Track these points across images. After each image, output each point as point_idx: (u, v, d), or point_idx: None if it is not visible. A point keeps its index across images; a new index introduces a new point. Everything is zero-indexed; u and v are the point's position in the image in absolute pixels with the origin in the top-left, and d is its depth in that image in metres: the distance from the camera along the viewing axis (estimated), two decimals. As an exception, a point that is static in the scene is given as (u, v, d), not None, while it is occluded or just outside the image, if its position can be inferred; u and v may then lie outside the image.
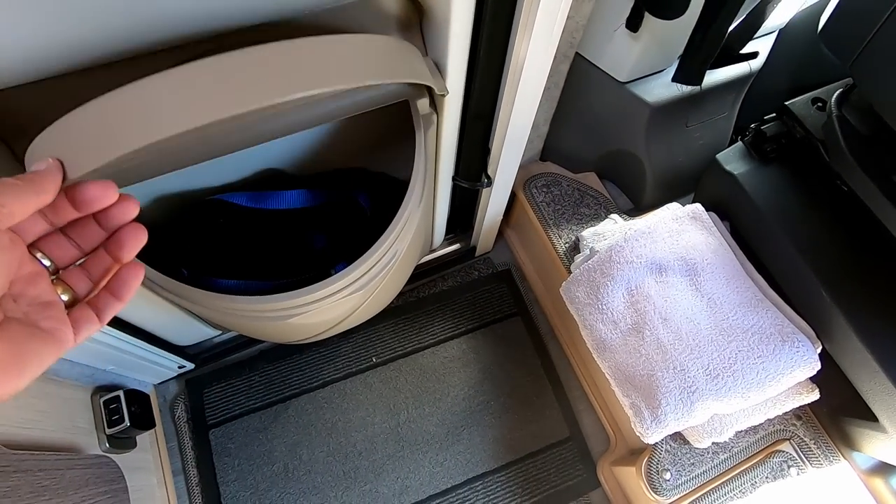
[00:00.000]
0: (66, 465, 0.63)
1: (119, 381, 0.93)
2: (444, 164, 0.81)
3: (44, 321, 0.28)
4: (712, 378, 0.73)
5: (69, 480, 0.62)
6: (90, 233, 0.31)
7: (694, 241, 0.84)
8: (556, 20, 0.57)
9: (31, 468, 0.57)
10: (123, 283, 0.32)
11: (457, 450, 1.02)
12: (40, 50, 0.38)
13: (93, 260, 0.32)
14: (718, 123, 0.95)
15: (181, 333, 0.95)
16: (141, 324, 0.83)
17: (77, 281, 0.31)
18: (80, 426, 0.79)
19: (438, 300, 1.15)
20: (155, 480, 0.95)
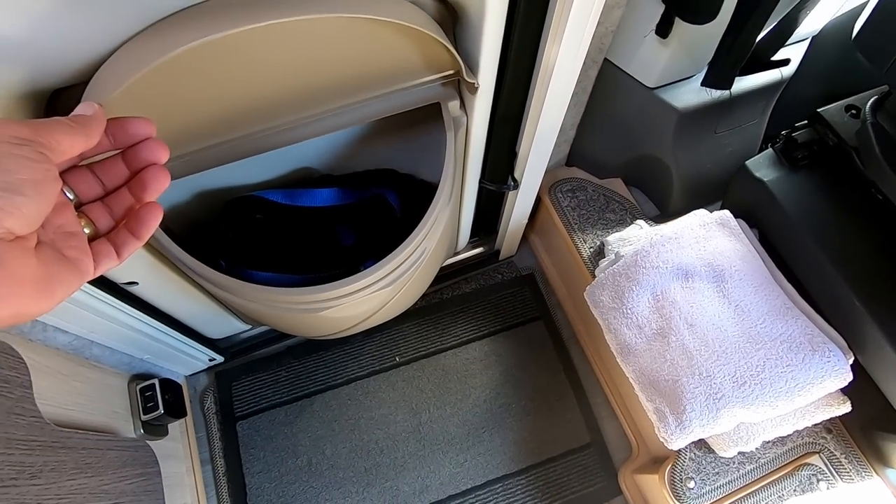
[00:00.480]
0: (107, 445, 0.66)
1: (154, 370, 0.97)
2: (472, 167, 0.82)
3: (68, 249, 0.29)
4: (739, 385, 0.73)
5: (109, 460, 0.65)
6: (116, 171, 0.33)
7: (721, 247, 0.84)
8: (586, 27, 0.58)
9: (76, 445, 0.60)
10: (142, 222, 0.32)
11: (477, 451, 1.03)
12: (95, 50, 0.42)
13: (115, 198, 0.33)
14: (748, 130, 0.95)
15: (213, 326, 0.99)
16: (177, 314, 0.87)
17: (99, 216, 0.32)
18: (117, 411, 0.82)
19: (461, 302, 1.16)
20: (184, 468, 0.98)
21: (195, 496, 0.97)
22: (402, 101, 0.63)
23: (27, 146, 0.26)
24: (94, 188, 0.32)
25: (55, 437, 0.57)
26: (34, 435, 0.54)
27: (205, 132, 0.56)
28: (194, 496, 0.96)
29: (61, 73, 0.43)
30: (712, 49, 0.77)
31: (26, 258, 0.25)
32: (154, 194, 0.33)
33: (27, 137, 0.26)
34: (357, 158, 0.83)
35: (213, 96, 0.52)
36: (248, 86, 0.53)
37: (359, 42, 0.54)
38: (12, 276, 0.24)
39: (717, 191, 1.04)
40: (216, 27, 0.39)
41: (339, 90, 0.59)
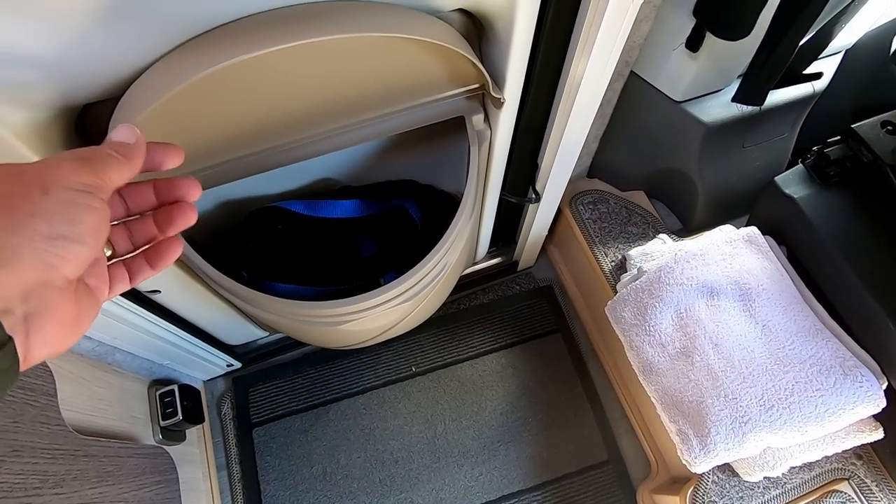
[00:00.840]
0: (127, 452, 0.67)
1: (173, 375, 0.98)
2: (494, 179, 0.82)
3: (90, 277, 0.29)
4: (766, 409, 0.71)
5: (129, 468, 0.65)
6: (144, 198, 0.33)
7: (748, 265, 0.82)
8: (615, 41, 0.58)
9: (98, 454, 0.60)
10: (162, 255, 0.33)
11: (492, 465, 1.02)
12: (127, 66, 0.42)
13: (138, 225, 0.33)
14: (776, 145, 0.92)
15: (232, 332, 0.99)
16: (197, 321, 0.87)
17: (119, 239, 0.32)
18: (137, 416, 0.83)
19: (479, 313, 1.15)
20: (200, 474, 0.98)
21: (211, 502, 0.97)
22: (426, 114, 0.63)
23: (91, 194, 0.26)
24: (118, 211, 0.32)
25: (78, 446, 0.57)
26: (58, 443, 0.54)
27: (230, 145, 0.56)
28: (210, 502, 0.97)
29: (93, 89, 0.43)
30: (743, 63, 0.76)
31: (69, 301, 0.26)
32: (178, 229, 0.33)
33: (91, 184, 0.26)
34: (378, 169, 0.83)
35: (239, 110, 0.52)
36: (274, 100, 0.53)
37: (384, 57, 0.53)
38: (58, 322, 0.25)
39: (743, 205, 1.02)
40: (249, 47, 0.39)
41: (364, 104, 0.59)
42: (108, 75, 0.42)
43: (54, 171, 0.25)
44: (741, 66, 0.78)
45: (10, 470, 0.47)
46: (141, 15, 0.38)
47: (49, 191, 0.25)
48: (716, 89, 0.82)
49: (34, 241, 0.24)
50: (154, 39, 0.41)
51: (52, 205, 0.24)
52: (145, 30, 0.39)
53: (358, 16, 0.44)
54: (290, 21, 0.41)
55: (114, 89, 0.44)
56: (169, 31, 0.41)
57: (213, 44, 0.41)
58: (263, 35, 0.40)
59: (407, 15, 0.47)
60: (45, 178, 0.25)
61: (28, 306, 0.24)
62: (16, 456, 0.48)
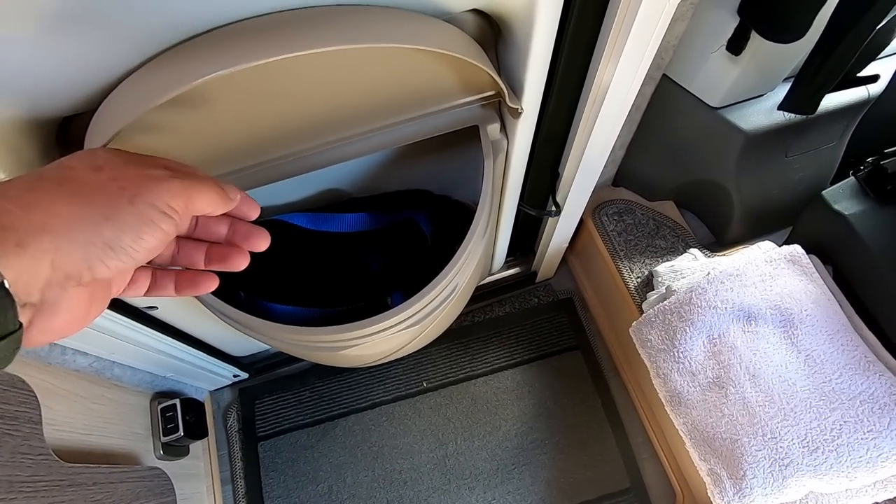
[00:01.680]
0: (119, 477, 0.64)
1: (177, 387, 0.95)
2: (511, 190, 0.76)
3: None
4: (810, 451, 0.64)
5: (121, 495, 0.62)
6: (214, 230, 0.32)
7: (790, 287, 0.74)
8: (648, 43, 0.51)
9: (86, 482, 0.57)
10: (194, 284, 0.32)
11: (506, 489, 0.96)
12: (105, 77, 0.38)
13: (188, 248, 0.32)
14: (823, 154, 0.84)
15: (237, 346, 0.96)
16: (199, 335, 0.84)
17: (164, 250, 0.31)
18: (137, 432, 0.81)
19: (494, 326, 1.10)
20: (204, 488, 0.96)
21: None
22: (438, 123, 0.58)
23: (171, 219, 0.26)
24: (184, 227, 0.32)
25: (63, 475, 0.54)
26: (41, 474, 0.51)
27: (232, 156, 0.52)
28: (213, 518, 0.94)
29: (67, 102, 0.39)
30: (790, 66, 0.69)
31: (83, 297, 0.25)
32: (225, 269, 0.33)
33: (178, 209, 0.26)
34: (388, 178, 0.78)
35: (242, 120, 0.48)
36: (277, 109, 0.49)
37: (393, 64, 0.49)
38: (67, 314, 0.24)
39: (782, 219, 0.94)
40: (246, 56, 0.35)
41: (373, 112, 0.54)
42: (82, 87, 0.38)
43: (153, 187, 0.25)
44: (787, 69, 0.71)
45: (-18, 510, 0.44)
46: (118, 21, 0.34)
47: (135, 202, 0.25)
48: (757, 94, 0.75)
49: (93, 242, 0.23)
50: (130, 49, 0.37)
51: (129, 216, 0.24)
52: (117, 38, 0.35)
53: (365, 23, 0.39)
54: (293, 29, 0.37)
55: (92, 102, 0.40)
56: (151, 38, 0.36)
57: (205, 51, 0.37)
58: (262, 44, 0.36)
59: (417, 22, 0.42)
60: (141, 188, 0.25)
61: (45, 295, 0.23)
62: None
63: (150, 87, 0.37)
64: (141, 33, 0.35)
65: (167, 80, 0.36)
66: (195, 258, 0.32)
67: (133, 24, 0.34)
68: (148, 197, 0.25)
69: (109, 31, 0.34)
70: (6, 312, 0.20)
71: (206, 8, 0.36)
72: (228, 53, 0.36)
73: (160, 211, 0.25)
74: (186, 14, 0.35)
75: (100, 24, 0.33)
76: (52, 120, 0.42)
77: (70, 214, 0.23)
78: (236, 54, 0.35)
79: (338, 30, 0.37)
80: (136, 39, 0.36)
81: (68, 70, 0.36)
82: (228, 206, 0.30)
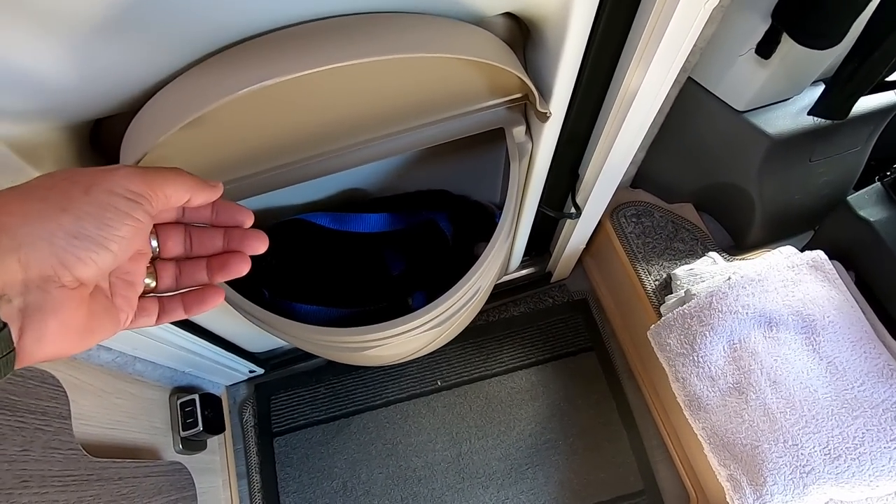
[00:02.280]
0: (144, 472, 0.65)
1: (195, 382, 0.96)
2: (532, 192, 0.76)
3: (119, 297, 0.28)
4: (832, 459, 0.63)
5: (144, 489, 0.63)
6: (210, 243, 0.32)
7: (813, 293, 0.74)
8: (680, 48, 0.51)
9: (112, 476, 0.58)
10: (203, 301, 0.32)
11: (519, 489, 0.97)
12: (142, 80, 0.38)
13: (189, 267, 0.32)
14: (848, 159, 0.83)
15: (254, 342, 0.97)
16: (218, 331, 0.85)
17: (166, 275, 0.31)
18: (158, 426, 0.81)
19: (508, 326, 1.10)
20: (220, 482, 0.97)
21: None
22: (463, 125, 0.58)
23: (136, 204, 0.25)
24: (178, 248, 0.32)
25: (91, 470, 0.55)
26: (70, 469, 0.52)
27: (257, 157, 0.52)
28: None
29: (104, 104, 0.40)
30: (819, 70, 0.68)
31: (79, 308, 0.25)
32: (228, 277, 0.32)
33: (140, 193, 0.26)
34: (409, 179, 0.78)
35: (267, 123, 0.49)
36: (303, 113, 0.49)
37: (424, 70, 0.49)
38: (62, 323, 0.24)
39: (804, 223, 0.93)
40: (284, 69, 0.35)
41: (399, 115, 0.54)
42: (118, 92, 0.38)
43: (107, 175, 0.25)
44: (816, 73, 0.70)
45: (17, 503, 0.44)
46: (157, 28, 0.34)
47: (91, 192, 0.24)
48: (784, 98, 0.74)
49: (55, 235, 0.23)
50: (172, 54, 0.37)
51: (87, 205, 0.24)
52: (162, 44, 0.35)
53: (403, 33, 0.39)
54: (331, 39, 0.37)
55: (127, 104, 0.40)
56: (189, 46, 0.36)
57: (244, 61, 0.37)
58: (297, 56, 0.36)
59: (452, 29, 0.41)
60: (95, 178, 0.25)
61: (27, 298, 0.22)
62: (24, 487, 0.46)
63: (189, 99, 0.37)
64: (179, 41, 0.35)
65: (209, 92, 0.36)
66: (198, 275, 0.32)
67: (172, 33, 0.34)
68: (102, 184, 0.25)
69: (149, 40, 0.34)
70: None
71: (243, 18, 0.36)
72: (268, 64, 0.36)
73: (121, 196, 0.25)
74: (224, 23, 0.35)
75: (139, 32, 0.33)
76: (86, 121, 0.42)
77: (24, 211, 0.23)
78: (276, 66, 0.35)
79: (377, 40, 0.37)
80: (175, 47, 0.36)
81: (104, 76, 0.36)
82: (210, 193, 0.29)
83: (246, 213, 0.32)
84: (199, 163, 0.49)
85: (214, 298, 0.32)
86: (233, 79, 0.35)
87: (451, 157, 0.76)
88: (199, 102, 0.35)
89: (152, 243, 0.30)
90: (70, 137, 0.42)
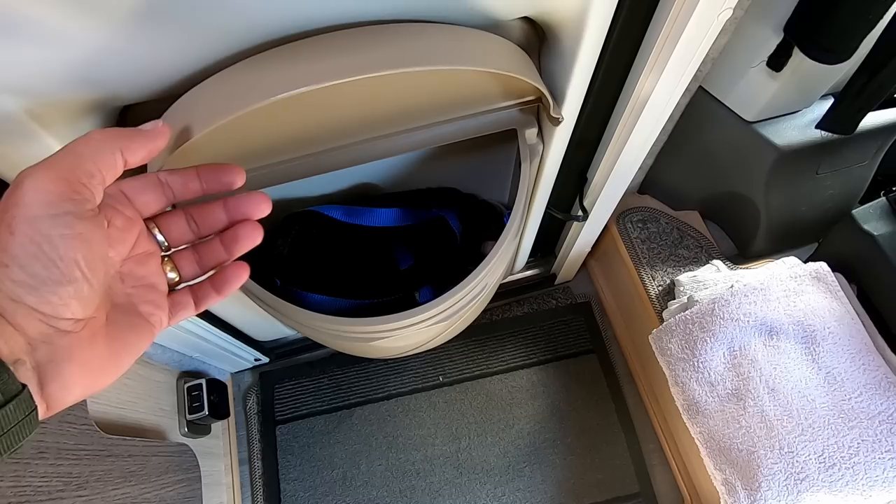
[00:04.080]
0: (152, 451, 0.66)
1: (202, 367, 0.98)
2: (541, 195, 0.77)
3: (143, 304, 0.27)
4: (827, 468, 0.64)
5: (153, 467, 0.65)
6: (214, 218, 0.31)
7: (814, 304, 0.75)
8: (692, 57, 0.52)
9: (122, 454, 0.60)
10: (228, 281, 0.31)
11: (516, 486, 0.98)
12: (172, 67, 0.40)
13: (206, 248, 0.31)
14: (854, 172, 0.84)
15: (262, 330, 0.98)
16: (228, 318, 0.87)
17: (186, 264, 0.31)
18: (165, 409, 0.83)
19: (511, 326, 1.11)
20: (223, 466, 0.98)
21: (231, 496, 0.97)
22: (477, 125, 0.59)
23: (70, 214, 0.22)
24: (186, 234, 0.30)
25: (103, 446, 0.57)
26: (83, 444, 0.54)
27: (273, 149, 0.54)
28: (230, 496, 0.97)
29: (135, 92, 0.41)
30: (829, 84, 0.69)
31: (93, 343, 0.24)
32: (244, 249, 0.31)
33: (63, 198, 0.22)
34: (420, 175, 0.80)
35: (288, 116, 0.50)
36: (323, 108, 0.51)
37: (443, 73, 0.50)
38: (81, 365, 0.23)
39: (808, 235, 0.94)
40: (316, 77, 0.36)
41: (415, 113, 0.56)
42: (148, 79, 0.40)
43: (17, 201, 0.21)
44: (826, 87, 0.71)
45: (34, 473, 0.46)
46: (194, 21, 0.35)
47: (14, 229, 0.21)
48: (793, 111, 0.75)
49: (18, 294, 0.21)
50: (212, 46, 0.38)
51: (22, 248, 0.21)
52: (198, 36, 0.37)
53: (422, 43, 0.40)
54: (362, 50, 0.38)
55: (156, 92, 0.42)
56: (226, 39, 0.38)
57: (275, 66, 0.38)
58: (337, 63, 0.37)
59: (476, 41, 0.43)
60: (10, 212, 0.21)
61: (36, 356, 0.22)
62: (41, 458, 0.48)
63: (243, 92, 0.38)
64: (217, 34, 0.37)
65: (247, 95, 0.37)
66: (218, 255, 0.31)
67: (210, 25, 0.36)
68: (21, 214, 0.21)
69: (188, 29, 0.36)
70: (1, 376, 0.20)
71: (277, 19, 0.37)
72: (304, 72, 0.37)
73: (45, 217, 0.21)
74: (262, 22, 0.37)
75: (179, 21, 0.35)
76: (116, 107, 0.44)
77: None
78: (311, 74, 0.37)
79: (408, 51, 0.38)
80: (212, 40, 0.37)
81: (140, 63, 0.38)
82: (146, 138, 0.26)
83: (230, 170, 0.30)
84: (219, 153, 0.51)
85: (240, 275, 0.31)
86: (284, 78, 0.36)
87: (461, 156, 0.78)
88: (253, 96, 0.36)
89: (158, 237, 0.29)
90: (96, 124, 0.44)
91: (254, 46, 0.39)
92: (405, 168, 0.78)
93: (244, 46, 0.39)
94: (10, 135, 0.38)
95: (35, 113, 0.38)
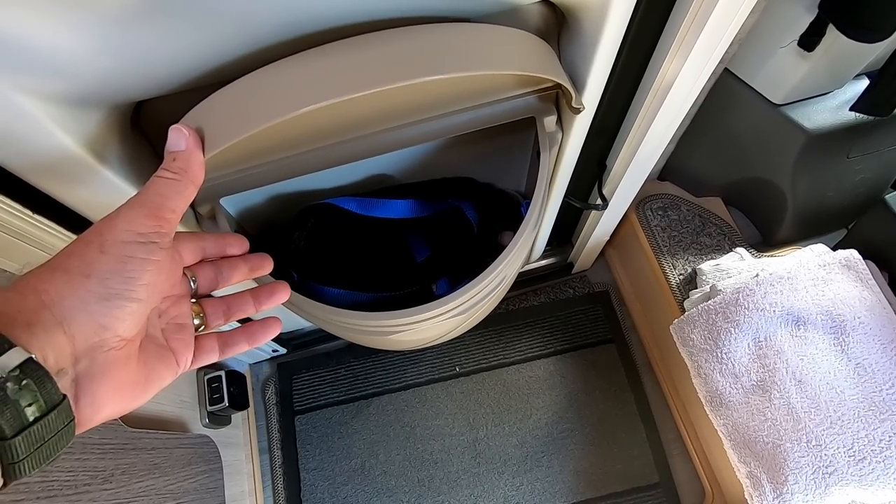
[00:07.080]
0: (175, 443, 0.67)
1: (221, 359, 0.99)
2: (559, 184, 0.76)
3: (174, 341, 0.29)
4: (857, 461, 0.63)
5: (176, 459, 0.66)
6: (234, 270, 0.34)
7: (844, 293, 0.72)
8: (722, 37, 0.50)
9: (146, 446, 0.61)
10: (261, 332, 0.34)
11: (534, 476, 0.98)
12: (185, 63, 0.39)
13: (235, 298, 0.33)
14: (886, 156, 0.81)
15: (279, 321, 0.99)
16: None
17: (212, 310, 0.32)
18: (186, 400, 0.84)
19: (528, 315, 1.10)
20: (244, 456, 1.00)
21: (252, 484, 0.99)
22: (495, 113, 0.57)
23: (151, 244, 0.26)
24: (211, 282, 0.33)
25: (127, 439, 0.57)
26: (108, 438, 0.54)
27: (288, 142, 0.53)
28: (251, 484, 0.99)
29: (146, 88, 0.40)
30: (862, 65, 0.66)
31: (128, 364, 0.25)
32: (275, 304, 0.35)
33: (149, 231, 0.26)
34: (435, 165, 0.78)
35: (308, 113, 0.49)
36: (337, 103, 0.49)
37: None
38: (114, 384, 0.25)
39: (837, 222, 0.91)
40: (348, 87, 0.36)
41: (432, 102, 0.54)
42: (161, 75, 0.39)
43: (112, 226, 0.25)
44: (859, 67, 0.68)
45: (60, 467, 0.47)
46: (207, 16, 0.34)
47: (105, 248, 0.25)
48: (823, 92, 0.72)
49: (88, 303, 0.23)
50: (225, 44, 0.37)
51: (107, 264, 0.24)
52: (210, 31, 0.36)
53: (444, 47, 0.39)
54: (380, 58, 0.38)
55: (171, 89, 0.41)
56: (239, 37, 0.37)
57: (304, 76, 0.37)
58: (356, 76, 0.37)
59: (491, 39, 0.42)
60: (104, 235, 0.25)
61: (78, 368, 0.23)
62: (67, 453, 0.48)
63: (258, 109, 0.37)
64: (227, 31, 0.36)
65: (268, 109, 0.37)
66: (246, 308, 0.34)
67: (223, 22, 0.35)
68: (112, 236, 0.25)
69: (199, 24, 0.35)
70: (45, 384, 0.21)
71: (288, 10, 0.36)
72: (331, 83, 0.37)
73: (134, 243, 0.25)
74: (273, 17, 0.36)
75: (189, 16, 0.34)
76: (129, 102, 0.43)
77: (54, 285, 0.23)
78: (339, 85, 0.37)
79: (428, 59, 0.38)
80: (225, 37, 0.36)
81: (151, 59, 0.37)
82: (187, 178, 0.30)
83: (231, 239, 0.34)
84: (238, 146, 0.50)
85: (274, 330, 0.34)
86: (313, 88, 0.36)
87: (477, 145, 0.76)
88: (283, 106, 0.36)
89: (191, 281, 0.31)
90: (111, 121, 0.43)
91: (266, 43, 0.38)
92: (420, 158, 0.77)
93: (255, 42, 0.38)
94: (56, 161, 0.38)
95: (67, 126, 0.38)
